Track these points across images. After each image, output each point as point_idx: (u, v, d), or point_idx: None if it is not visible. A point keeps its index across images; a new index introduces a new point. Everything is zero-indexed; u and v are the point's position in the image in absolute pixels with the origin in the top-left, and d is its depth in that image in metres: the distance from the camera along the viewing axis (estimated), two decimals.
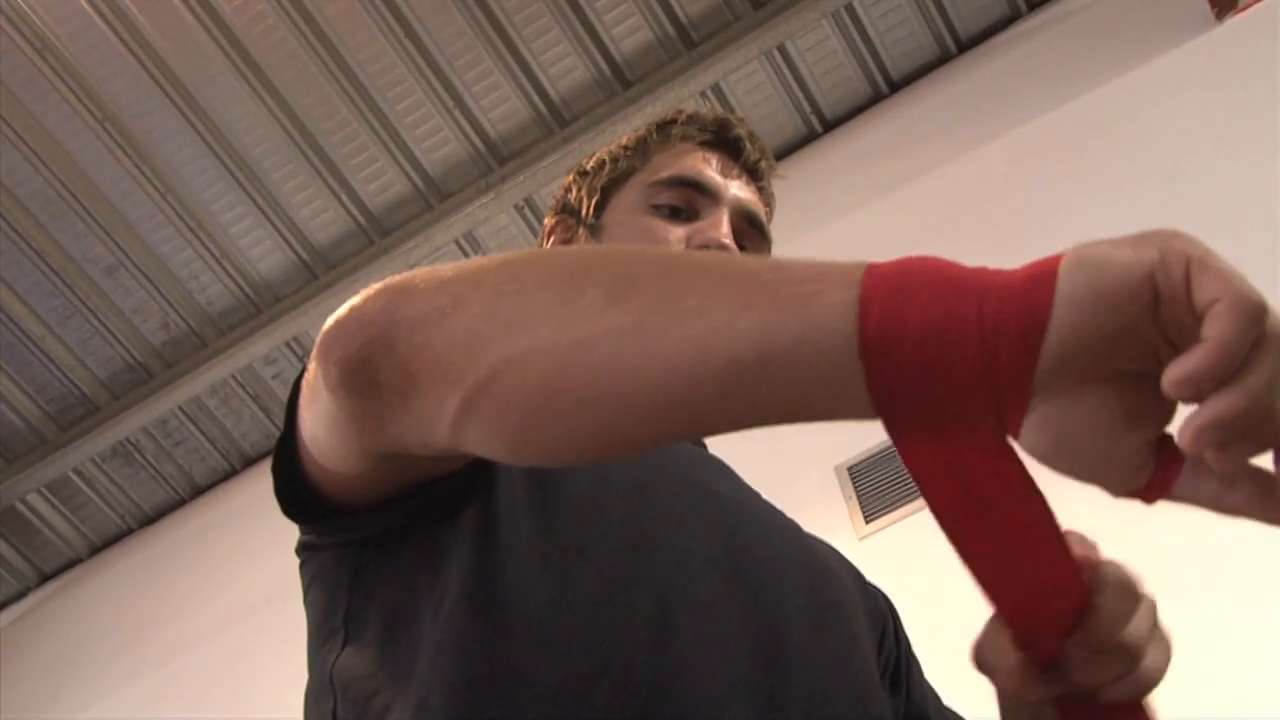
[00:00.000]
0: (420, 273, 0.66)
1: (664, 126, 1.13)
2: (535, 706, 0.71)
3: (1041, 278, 0.50)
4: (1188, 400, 0.47)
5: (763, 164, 1.13)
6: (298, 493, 0.77)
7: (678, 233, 1.03)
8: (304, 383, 0.74)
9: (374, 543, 0.80)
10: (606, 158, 1.13)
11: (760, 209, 1.10)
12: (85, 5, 3.60)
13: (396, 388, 0.64)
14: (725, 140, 1.11)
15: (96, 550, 4.48)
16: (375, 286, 0.67)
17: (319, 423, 0.72)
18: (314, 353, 0.69)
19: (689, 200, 1.06)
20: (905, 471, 0.52)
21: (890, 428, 0.51)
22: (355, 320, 0.66)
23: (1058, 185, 3.01)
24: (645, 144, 1.12)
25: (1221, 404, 0.46)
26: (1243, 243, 2.44)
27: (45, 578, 4.51)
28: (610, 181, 1.11)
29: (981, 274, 0.51)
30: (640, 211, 1.06)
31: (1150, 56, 3.16)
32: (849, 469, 2.64)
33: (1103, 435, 0.51)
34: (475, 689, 0.71)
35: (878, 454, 2.59)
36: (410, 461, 0.71)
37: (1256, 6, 3.03)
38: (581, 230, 1.11)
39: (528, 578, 0.76)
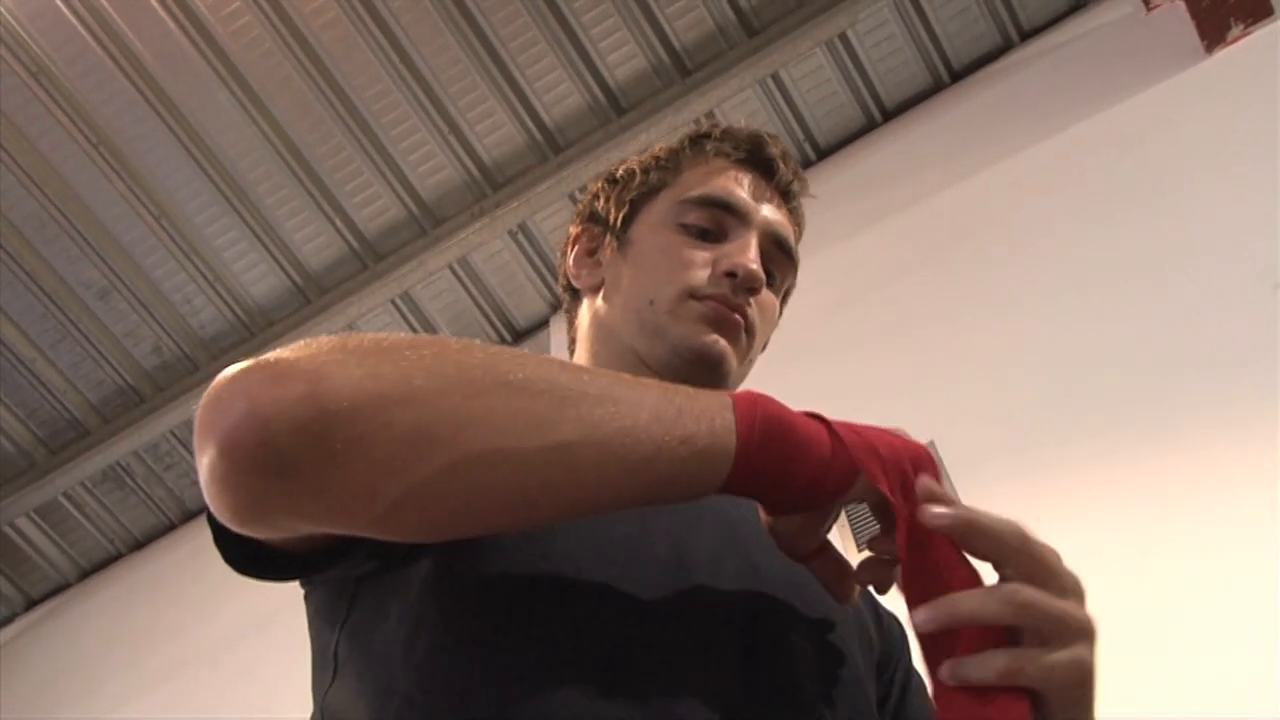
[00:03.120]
0: (317, 353, 0.64)
1: (697, 141, 1.10)
2: None
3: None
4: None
5: (795, 185, 1.11)
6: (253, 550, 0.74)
7: (703, 255, 1.02)
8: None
9: (368, 576, 0.80)
10: (637, 169, 1.11)
11: (789, 232, 1.09)
12: (81, 30, 3.61)
13: (312, 479, 0.62)
14: (759, 159, 1.09)
15: (85, 575, 4.45)
16: (270, 363, 0.64)
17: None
18: (205, 432, 0.63)
19: (718, 221, 1.04)
20: None
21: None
22: (274, 404, 0.62)
23: (1049, 214, 3.02)
24: (678, 158, 1.10)
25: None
26: (1235, 273, 2.45)
27: (33, 603, 4.47)
28: (640, 195, 1.09)
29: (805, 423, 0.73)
30: (669, 229, 1.05)
31: (1141, 87, 3.18)
32: None
33: (810, 533, 0.76)
34: None
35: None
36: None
37: (1245, 39, 3.06)
38: (609, 239, 1.09)
39: (498, 605, 0.75)
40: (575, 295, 1.13)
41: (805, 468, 0.71)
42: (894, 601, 0.78)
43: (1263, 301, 2.33)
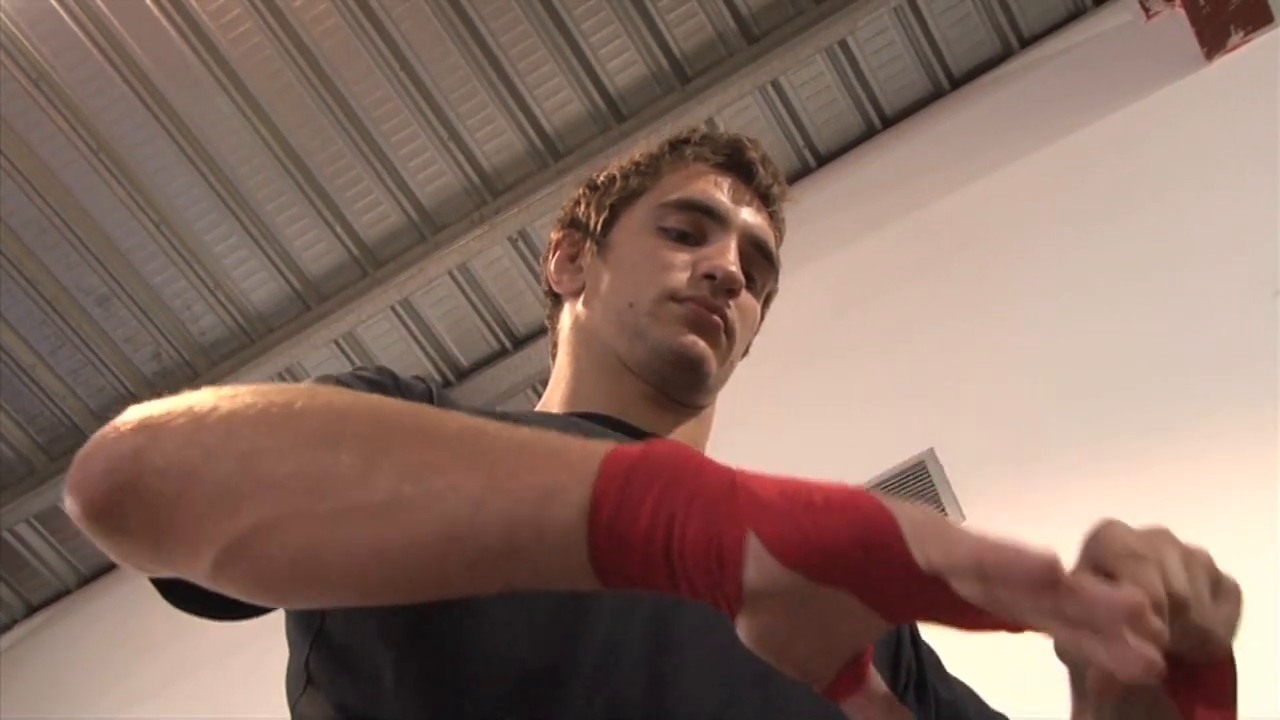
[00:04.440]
0: (176, 410, 0.65)
1: (677, 146, 1.11)
2: None
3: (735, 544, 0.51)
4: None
5: (775, 189, 1.12)
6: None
7: (683, 258, 1.02)
8: None
9: None
10: (617, 174, 1.11)
11: (769, 236, 1.09)
12: (81, 36, 3.61)
13: (144, 535, 0.63)
14: (739, 163, 1.10)
15: (85, 581, 4.44)
16: (131, 418, 0.66)
17: None
18: (68, 483, 0.65)
19: (698, 225, 1.04)
20: None
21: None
22: (102, 461, 0.64)
23: (1049, 221, 3.03)
24: (657, 162, 1.10)
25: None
26: (1235, 279, 2.45)
27: (33, 609, 4.46)
28: (620, 200, 1.09)
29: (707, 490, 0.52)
30: (648, 233, 1.05)
31: (1141, 94, 3.19)
32: None
33: (795, 645, 0.52)
34: None
35: (874, 485, 2.58)
36: None
37: (1245, 47, 3.06)
38: (590, 244, 1.09)
39: (475, 616, 0.75)
40: (557, 301, 1.13)
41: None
42: None
43: (1263, 308, 2.33)
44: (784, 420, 2.87)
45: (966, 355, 2.80)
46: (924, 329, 2.96)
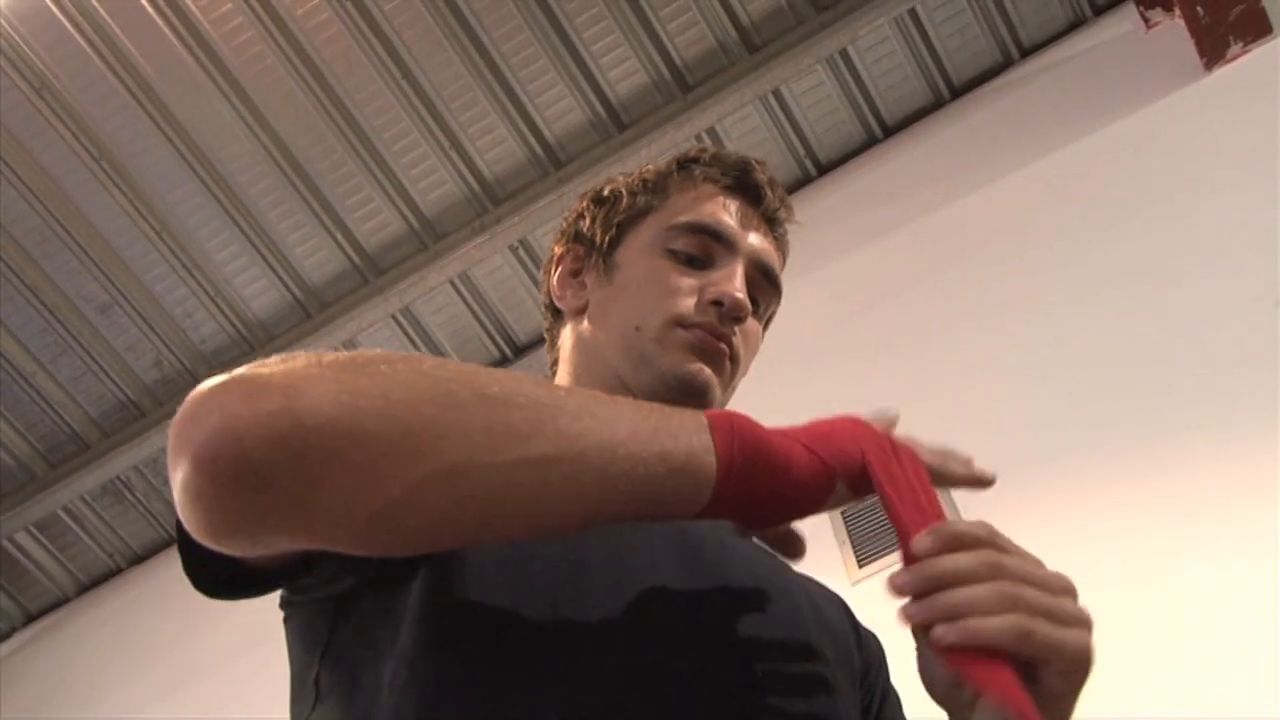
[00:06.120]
0: (295, 369, 0.64)
1: (686, 165, 1.10)
2: None
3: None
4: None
5: (782, 212, 1.11)
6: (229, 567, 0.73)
7: (690, 283, 1.01)
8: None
9: (349, 597, 0.79)
10: (624, 191, 1.10)
11: (775, 260, 1.09)
12: (83, 44, 3.62)
13: (292, 493, 0.61)
14: (747, 186, 1.09)
15: (84, 589, 4.44)
16: (248, 377, 0.64)
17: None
18: (179, 446, 0.63)
19: (705, 248, 1.04)
20: None
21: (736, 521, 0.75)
22: (250, 418, 0.61)
23: (1049, 230, 3.03)
24: (665, 182, 1.09)
25: None
26: (1235, 289, 2.45)
27: (32, 617, 4.46)
28: (627, 218, 1.08)
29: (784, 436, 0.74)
30: (655, 254, 1.04)
31: (1141, 104, 3.19)
32: (842, 513, 2.63)
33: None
34: None
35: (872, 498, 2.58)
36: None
37: (1245, 57, 3.07)
38: (595, 261, 1.08)
39: (490, 649, 0.75)
40: (558, 315, 1.12)
41: (786, 487, 0.72)
42: (891, 646, 0.78)
43: (1263, 318, 2.33)
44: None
45: (967, 362, 2.80)
46: (924, 336, 2.96)
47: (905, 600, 0.69)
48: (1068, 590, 0.71)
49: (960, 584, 0.68)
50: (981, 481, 0.79)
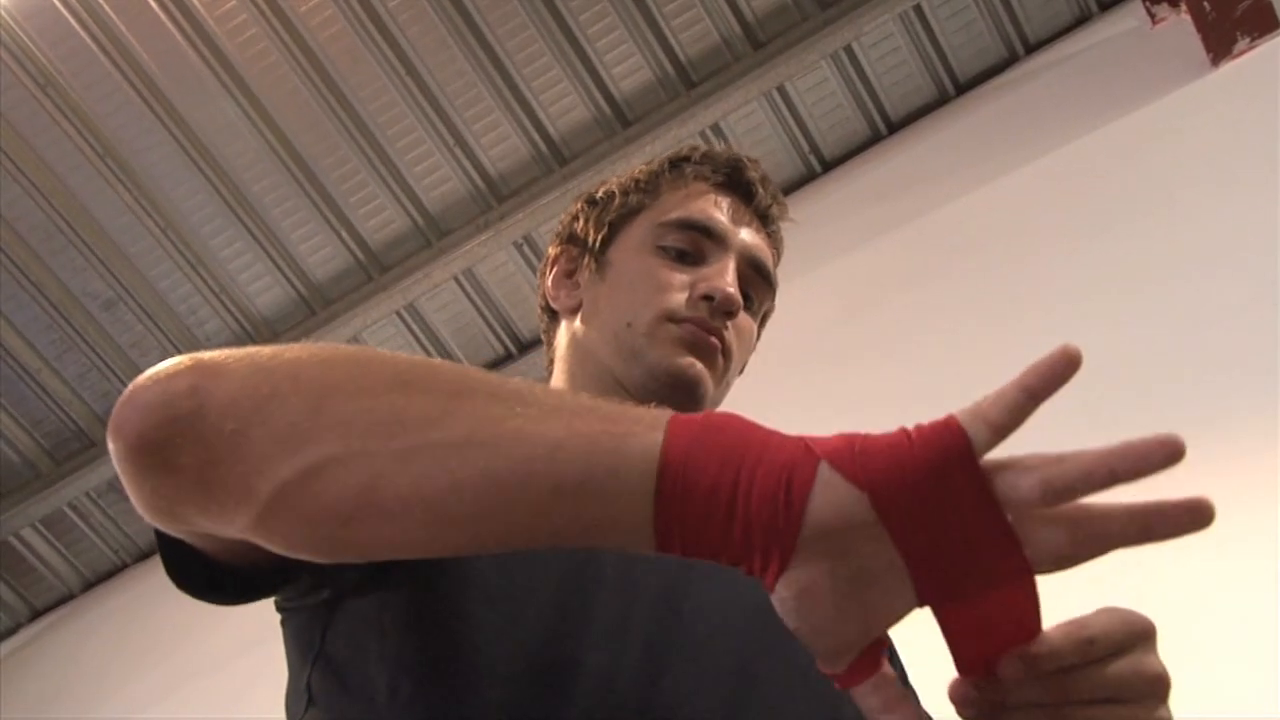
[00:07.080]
0: (230, 354, 0.65)
1: (677, 164, 1.11)
2: None
3: (805, 463, 0.55)
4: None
5: (774, 209, 1.11)
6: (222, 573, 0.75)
7: (681, 278, 1.02)
8: None
9: (335, 604, 0.79)
10: (616, 190, 1.11)
11: (768, 256, 1.09)
12: (88, 41, 3.62)
13: (194, 473, 0.62)
14: (738, 183, 1.09)
15: (90, 585, 4.45)
16: (181, 360, 0.65)
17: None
18: (110, 423, 0.65)
19: (696, 244, 1.04)
20: None
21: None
22: (157, 395, 0.63)
23: (1054, 227, 3.02)
24: (657, 180, 1.10)
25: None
26: (1241, 286, 2.45)
27: (37, 613, 4.47)
28: (619, 217, 1.09)
29: (767, 444, 0.57)
30: (647, 251, 1.05)
31: (1147, 101, 3.18)
32: None
33: (830, 612, 0.55)
34: None
35: None
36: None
37: (1251, 53, 3.06)
38: (588, 261, 1.09)
39: (473, 636, 0.75)
40: (553, 316, 1.13)
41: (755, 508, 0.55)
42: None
43: (1267, 315, 2.33)
44: (789, 424, 2.85)
45: (971, 360, 2.79)
46: (930, 334, 2.96)
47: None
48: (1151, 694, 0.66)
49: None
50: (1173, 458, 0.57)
